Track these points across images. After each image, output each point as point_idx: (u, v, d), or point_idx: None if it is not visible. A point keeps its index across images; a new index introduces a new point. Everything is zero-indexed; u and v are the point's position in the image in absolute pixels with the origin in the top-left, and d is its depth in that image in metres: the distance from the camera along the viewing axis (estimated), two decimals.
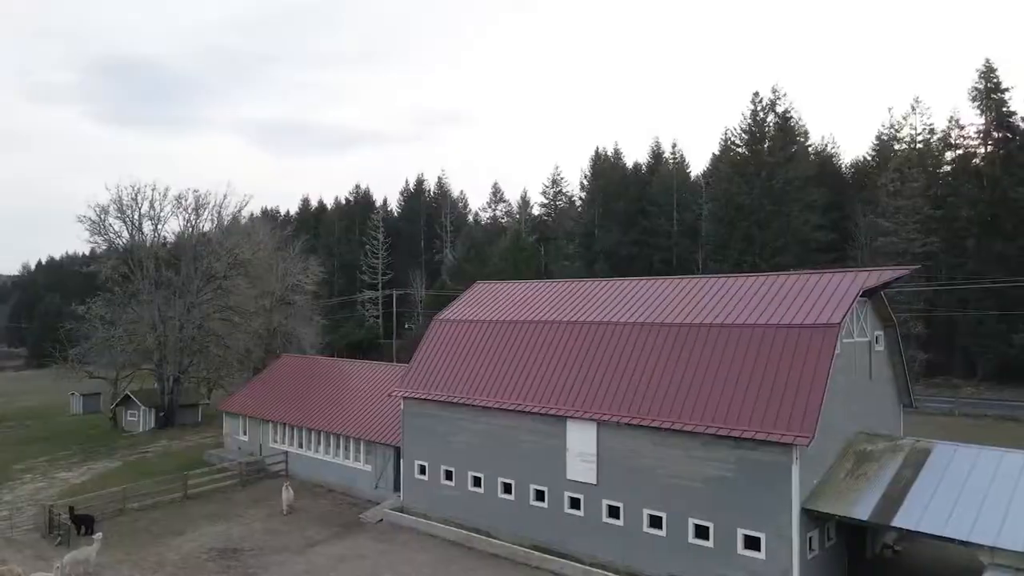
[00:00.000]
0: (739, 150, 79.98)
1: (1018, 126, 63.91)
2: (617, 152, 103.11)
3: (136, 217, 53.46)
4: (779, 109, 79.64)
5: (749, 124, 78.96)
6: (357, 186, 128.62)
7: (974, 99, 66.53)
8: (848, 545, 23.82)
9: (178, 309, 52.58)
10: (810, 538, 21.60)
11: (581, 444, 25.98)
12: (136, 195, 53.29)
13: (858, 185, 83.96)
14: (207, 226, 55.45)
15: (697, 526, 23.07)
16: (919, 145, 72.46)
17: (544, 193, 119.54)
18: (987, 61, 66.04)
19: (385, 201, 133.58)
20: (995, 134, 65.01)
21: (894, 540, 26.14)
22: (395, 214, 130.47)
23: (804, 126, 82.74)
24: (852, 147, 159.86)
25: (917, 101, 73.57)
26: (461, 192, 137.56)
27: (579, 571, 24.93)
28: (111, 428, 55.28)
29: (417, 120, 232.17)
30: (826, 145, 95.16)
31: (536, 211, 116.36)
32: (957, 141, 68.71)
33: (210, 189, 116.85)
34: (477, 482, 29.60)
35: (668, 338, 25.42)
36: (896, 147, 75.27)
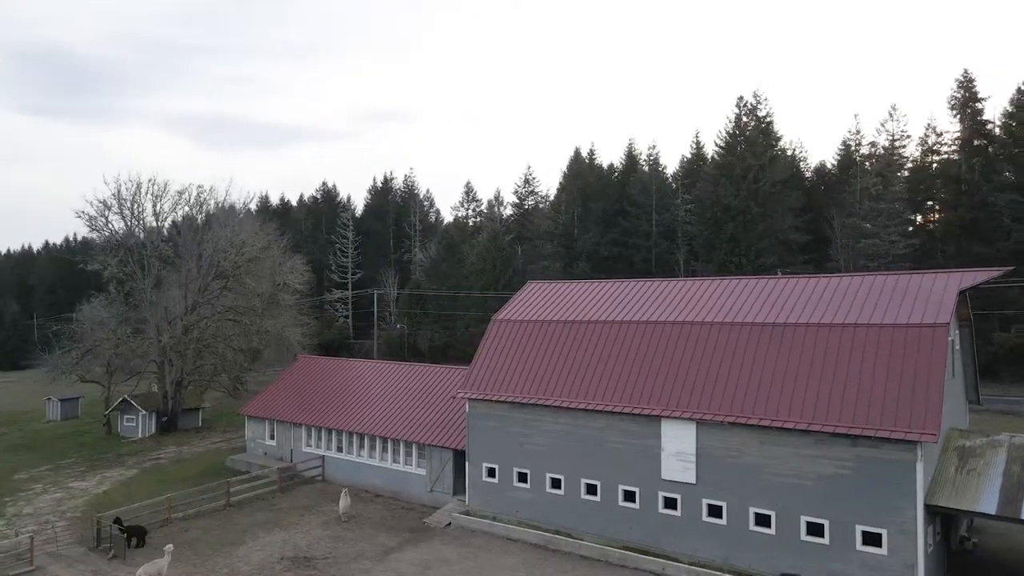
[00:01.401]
0: (722, 152, 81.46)
1: (995, 134, 67.08)
2: (592, 153, 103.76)
3: (138, 212, 51.03)
4: (760, 113, 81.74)
5: (733, 127, 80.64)
6: (324, 183, 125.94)
7: (953, 108, 69.59)
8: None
9: (181, 309, 50.42)
10: (926, 533, 22.20)
11: (678, 444, 26.05)
12: (138, 189, 50.83)
13: (828, 188, 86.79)
14: (209, 221, 53.28)
15: (809, 523, 23.42)
16: (897, 151, 75.30)
17: (516, 193, 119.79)
18: (965, 72, 69.36)
19: (349, 198, 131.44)
20: (974, 142, 68.06)
21: (968, 532, 27.12)
22: (358, 213, 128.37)
23: (779, 131, 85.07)
24: (816, 152, 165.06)
25: (894, 108, 76.43)
26: (428, 191, 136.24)
27: (682, 571, 25.01)
28: (106, 435, 52.62)
29: (370, 117, 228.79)
30: (795, 149, 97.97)
31: (509, 211, 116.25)
32: (936, 147, 71.69)
33: (212, 184, 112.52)
34: (556, 484, 29.34)
35: (763, 338, 25.73)
36: (868, 151, 77.97)
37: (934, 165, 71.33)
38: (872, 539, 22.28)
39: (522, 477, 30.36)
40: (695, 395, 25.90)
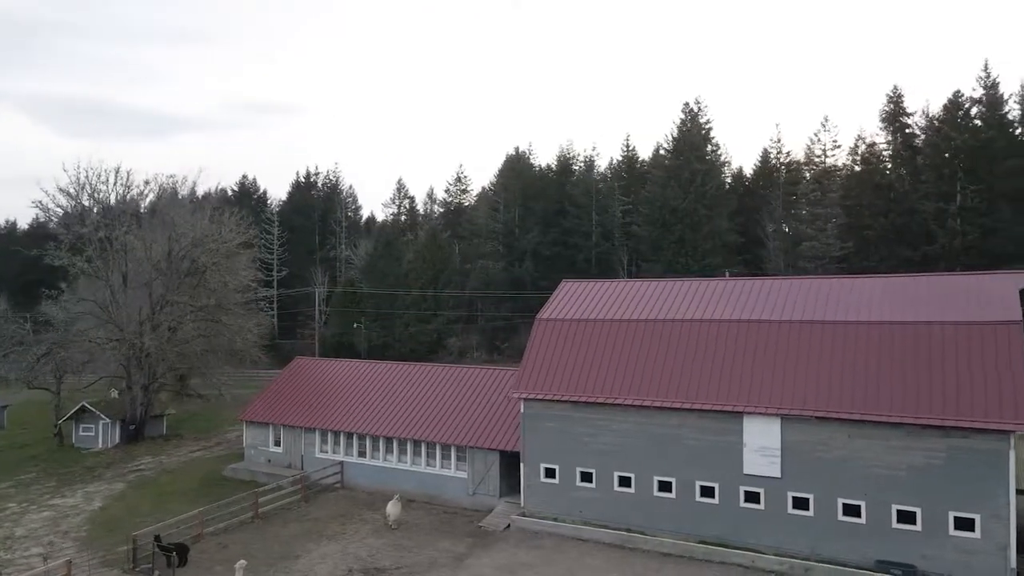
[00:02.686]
0: (669, 156, 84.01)
1: (921, 147, 72.87)
2: (530, 153, 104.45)
3: (103, 199, 46.66)
4: (701, 120, 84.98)
5: (679, 132, 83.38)
6: (244, 176, 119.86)
7: (884, 120, 75.04)
8: None
9: (148, 308, 46.63)
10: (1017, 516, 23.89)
11: (762, 439, 26.79)
12: (106, 179, 46.54)
13: (753, 193, 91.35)
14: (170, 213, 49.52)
15: (901, 512, 24.70)
16: (829, 159, 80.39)
17: (448, 191, 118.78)
18: (895, 88, 74.91)
19: (266, 192, 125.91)
20: (903, 153, 73.65)
21: None
22: (275, 208, 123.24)
23: (715, 137, 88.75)
24: (736, 159, 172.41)
25: (826, 119, 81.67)
26: (350, 187, 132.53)
27: (772, 563, 25.76)
28: (57, 446, 47.98)
29: (261, 110, 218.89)
30: (722, 155, 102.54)
31: (440, 209, 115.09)
32: (866, 157, 77.01)
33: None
34: (624, 482, 29.45)
35: (838, 335, 26.89)
36: (804, 158, 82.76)
37: (865, 173, 76.47)
38: (965, 524, 23.76)
39: (585, 476, 30.25)
40: (779, 391, 26.71)
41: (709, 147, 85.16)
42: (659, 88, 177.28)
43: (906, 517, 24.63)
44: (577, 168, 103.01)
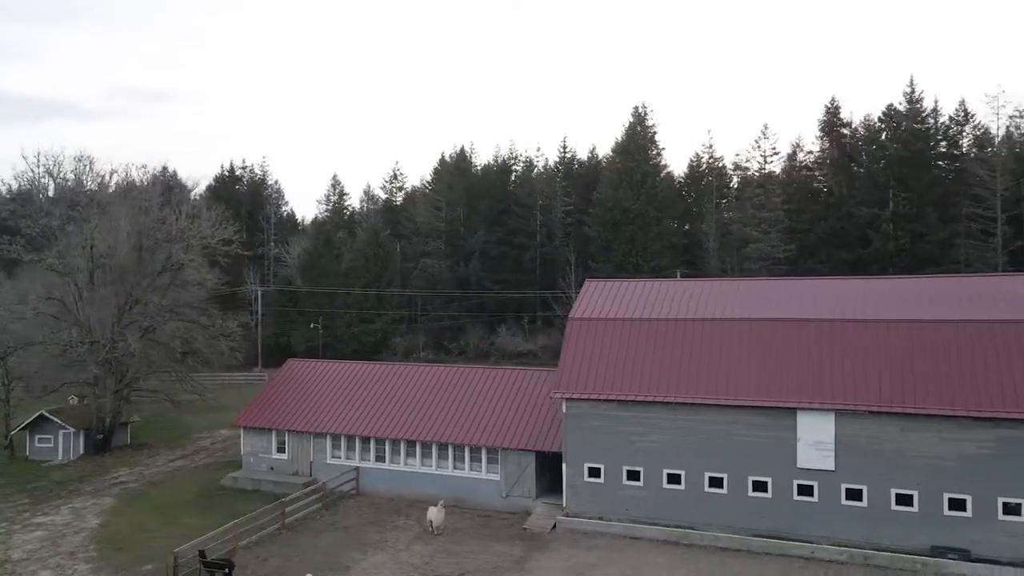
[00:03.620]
0: (618, 158, 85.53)
1: (856, 156, 77.50)
2: (471, 151, 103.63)
3: (65, 188, 42.68)
4: (648, 123, 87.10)
5: (628, 135, 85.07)
6: (165, 168, 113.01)
7: (821, 130, 79.32)
8: None
9: (118, 307, 43.18)
10: None
11: (816, 433, 27.76)
12: (74, 168, 42.63)
13: (690, 196, 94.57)
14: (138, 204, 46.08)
15: (952, 499, 26.19)
16: (769, 166, 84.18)
17: (384, 188, 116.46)
18: (832, 100, 79.33)
19: (185, 185, 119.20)
20: (840, 161, 78.05)
21: None
22: (195, 198, 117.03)
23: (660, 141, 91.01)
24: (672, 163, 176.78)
25: (766, 127, 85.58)
26: (276, 182, 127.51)
27: (832, 552, 26.75)
28: (9, 458, 43.71)
29: (145, 98, 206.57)
30: (663, 159, 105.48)
31: (372, 207, 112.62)
32: (806, 164, 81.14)
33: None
34: (674, 479, 29.80)
35: (886, 333, 28.26)
36: (746, 163, 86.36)
37: (805, 180, 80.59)
38: (1013, 509, 25.49)
39: (632, 475, 30.41)
40: (831, 387, 27.76)
41: (654, 151, 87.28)
42: (599, 91, 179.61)
43: (957, 504, 26.16)
44: (518, 168, 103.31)
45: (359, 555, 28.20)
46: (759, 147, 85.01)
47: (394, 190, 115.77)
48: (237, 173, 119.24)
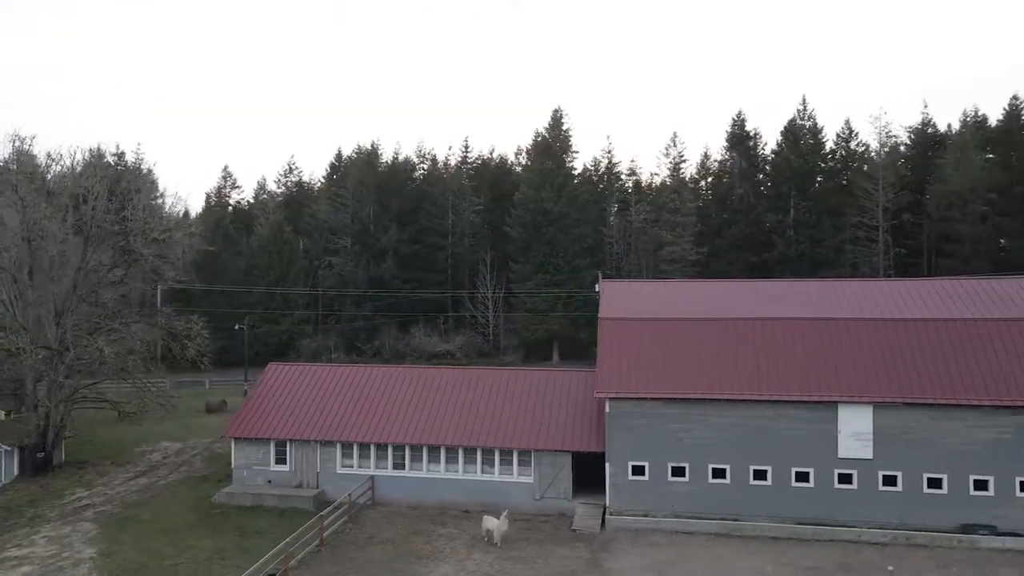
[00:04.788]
0: (537, 159, 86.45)
1: (762, 166, 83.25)
2: (378, 148, 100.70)
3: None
4: (564, 126, 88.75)
5: (549, 136, 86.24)
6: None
7: (729, 141, 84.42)
8: None
9: (57, 306, 38.03)
10: None
11: (855, 425, 29.70)
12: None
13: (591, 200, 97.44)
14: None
15: (976, 481, 28.94)
16: (677, 173, 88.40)
17: (279, 183, 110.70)
18: (739, 113, 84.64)
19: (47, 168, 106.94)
20: (747, 171, 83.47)
21: None
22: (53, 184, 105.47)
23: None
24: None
25: (675, 135, 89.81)
26: (149, 171, 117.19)
27: (877, 535, 28.74)
28: None
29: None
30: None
31: (270, 201, 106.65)
32: (717, 172, 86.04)
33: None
34: (719, 473, 30.74)
35: (915, 331, 30.78)
36: (662, 169, 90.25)
37: (715, 187, 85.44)
38: None
39: (677, 471, 31.04)
40: (869, 382, 29.82)
41: (570, 154, 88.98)
42: (505, 90, 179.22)
43: (981, 485, 28.94)
44: (425, 167, 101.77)
45: (422, 568, 26.83)
46: (668, 154, 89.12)
47: (290, 184, 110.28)
48: (107, 160, 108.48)
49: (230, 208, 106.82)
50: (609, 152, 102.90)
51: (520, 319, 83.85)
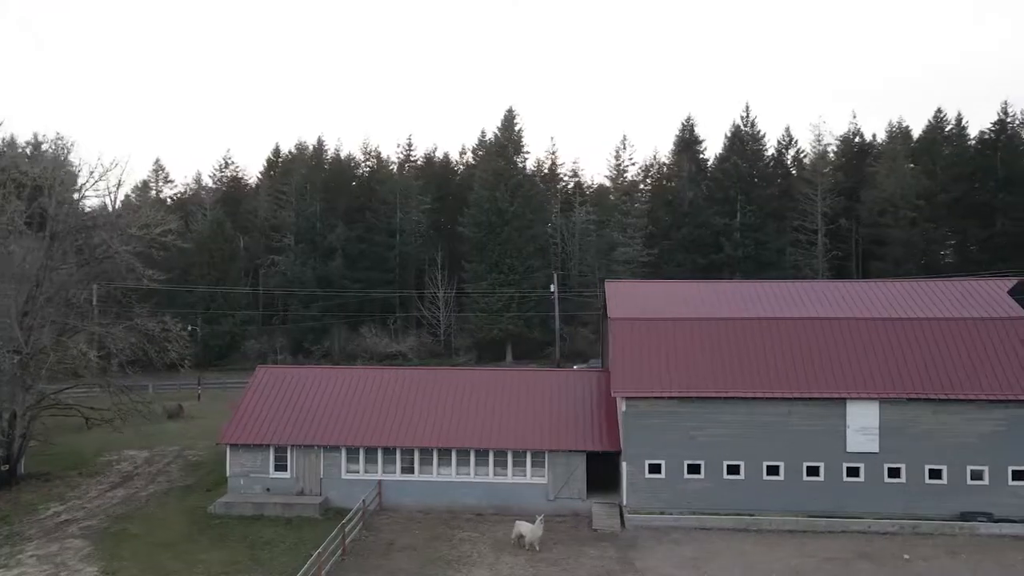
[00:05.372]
0: (492, 158, 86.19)
1: (710, 170, 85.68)
2: (322, 145, 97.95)
3: None
4: (516, 127, 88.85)
5: (503, 136, 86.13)
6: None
7: (677, 145, 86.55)
8: None
9: (22, 306, 35.17)
10: None
11: (863, 420, 30.94)
12: None
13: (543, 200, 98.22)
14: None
15: (973, 471, 30.64)
16: (626, 175, 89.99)
17: (214, 177, 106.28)
18: (688, 118, 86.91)
19: None
20: (695, 175, 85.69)
21: None
22: None
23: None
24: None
25: (624, 139, 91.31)
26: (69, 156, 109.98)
27: (886, 525, 30.01)
28: None
29: None
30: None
31: (206, 196, 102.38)
32: (665, 175, 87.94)
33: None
34: (733, 470, 31.41)
35: (913, 330, 32.31)
36: (614, 173, 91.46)
37: (664, 191, 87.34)
38: (1019, 475, 30.44)
39: (693, 468, 31.53)
40: (874, 378, 31.12)
41: (521, 155, 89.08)
42: (448, 89, 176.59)
43: (977, 475, 30.66)
44: (370, 164, 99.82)
45: (454, 574, 26.24)
46: (618, 157, 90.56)
47: (225, 179, 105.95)
48: (21, 148, 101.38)
49: (174, 199, 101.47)
50: (553, 153, 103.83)
51: (473, 319, 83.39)
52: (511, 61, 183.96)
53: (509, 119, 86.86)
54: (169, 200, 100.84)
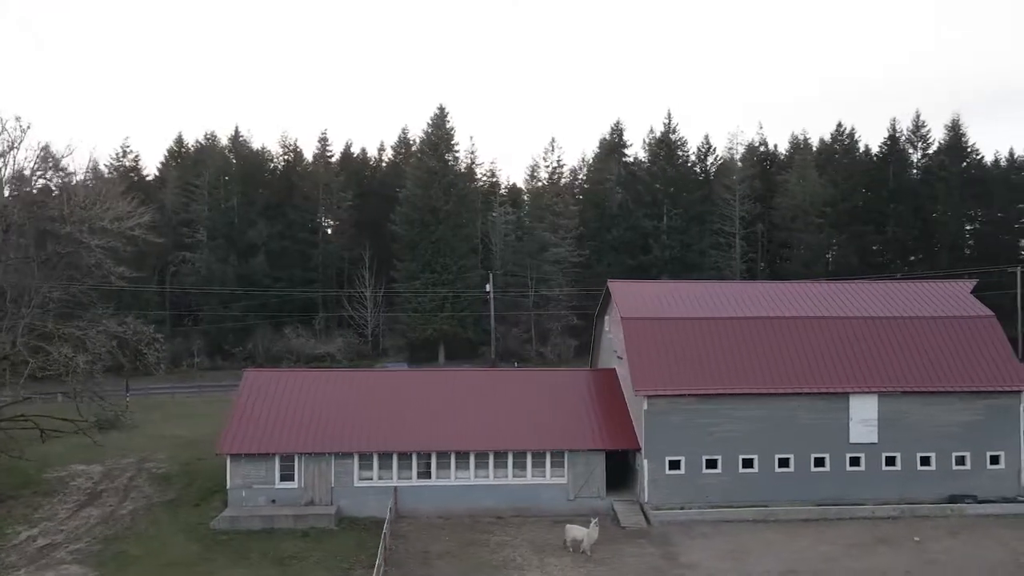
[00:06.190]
0: (425, 157, 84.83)
1: (638, 175, 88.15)
2: (240, 135, 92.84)
3: None
4: (447, 125, 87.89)
5: (436, 134, 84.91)
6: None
7: (606, 149, 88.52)
8: None
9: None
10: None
11: (863, 413, 32.92)
12: None
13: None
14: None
15: (957, 456, 33.28)
16: (557, 178, 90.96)
17: (110, 168, 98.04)
18: (618, 122, 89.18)
19: None
20: (624, 179, 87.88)
21: None
22: None
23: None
24: None
25: (553, 141, 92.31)
26: None
27: (888, 510, 32.04)
28: None
29: None
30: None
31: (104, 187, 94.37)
32: (595, 178, 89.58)
33: None
34: (748, 463, 32.53)
35: (903, 328, 34.69)
36: (544, 174, 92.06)
37: (595, 193, 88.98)
38: (995, 460, 33.38)
39: (710, 463, 32.41)
40: (873, 373, 33.17)
41: (451, 154, 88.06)
42: (364, 84, 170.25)
43: (960, 460, 33.32)
44: (288, 158, 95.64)
45: None
46: (547, 159, 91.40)
47: (124, 168, 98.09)
48: None
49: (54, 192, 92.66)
50: (472, 152, 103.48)
51: (406, 319, 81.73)
52: (431, 60, 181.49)
53: (440, 117, 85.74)
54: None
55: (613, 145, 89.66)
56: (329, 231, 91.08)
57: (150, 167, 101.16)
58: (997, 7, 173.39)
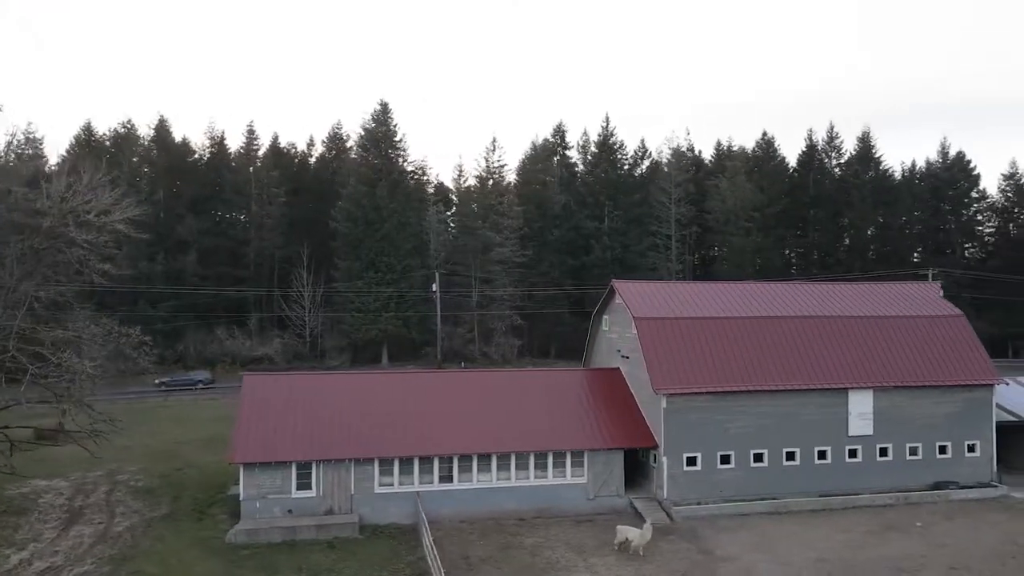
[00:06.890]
0: (365, 153, 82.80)
1: (580, 176, 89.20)
2: (165, 123, 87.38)
3: None
4: (392, 123, 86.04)
5: (379, 132, 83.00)
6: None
7: (549, 151, 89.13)
8: None
9: None
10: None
11: (861, 407, 34.67)
12: None
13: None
14: None
15: (940, 446, 35.61)
16: (498, 178, 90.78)
17: (5, 156, 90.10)
18: (560, 124, 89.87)
19: None
20: (566, 180, 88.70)
21: None
22: None
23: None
24: None
25: (494, 141, 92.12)
26: None
27: (886, 498, 33.88)
28: None
29: None
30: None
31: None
32: (537, 180, 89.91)
33: None
34: (758, 458, 33.58)
35: (885, 327, 36.73)
36: (483, 174, 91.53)
37: (537, 195, 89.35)
38: (972, 448, 35.93)
39: (724, 459, 33.25)
40: (869, 370, 34.98)
41: (396, 151, 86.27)
42: (288, 77, 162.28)
43: (943, 449, 35.67)
44: (214, 150, 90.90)
45: None
46: (488, 159, 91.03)
47: (26, 156, 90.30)
48: None
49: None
50: (403, 151, 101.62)
51: (349, 319, 79.38)
52: (365, 54, 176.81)
53: (383, 113, 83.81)
54: None
55: (553, 147, 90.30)
56: (262, 228, 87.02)
57: (52, 156, 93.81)
58: (908, 28, 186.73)
